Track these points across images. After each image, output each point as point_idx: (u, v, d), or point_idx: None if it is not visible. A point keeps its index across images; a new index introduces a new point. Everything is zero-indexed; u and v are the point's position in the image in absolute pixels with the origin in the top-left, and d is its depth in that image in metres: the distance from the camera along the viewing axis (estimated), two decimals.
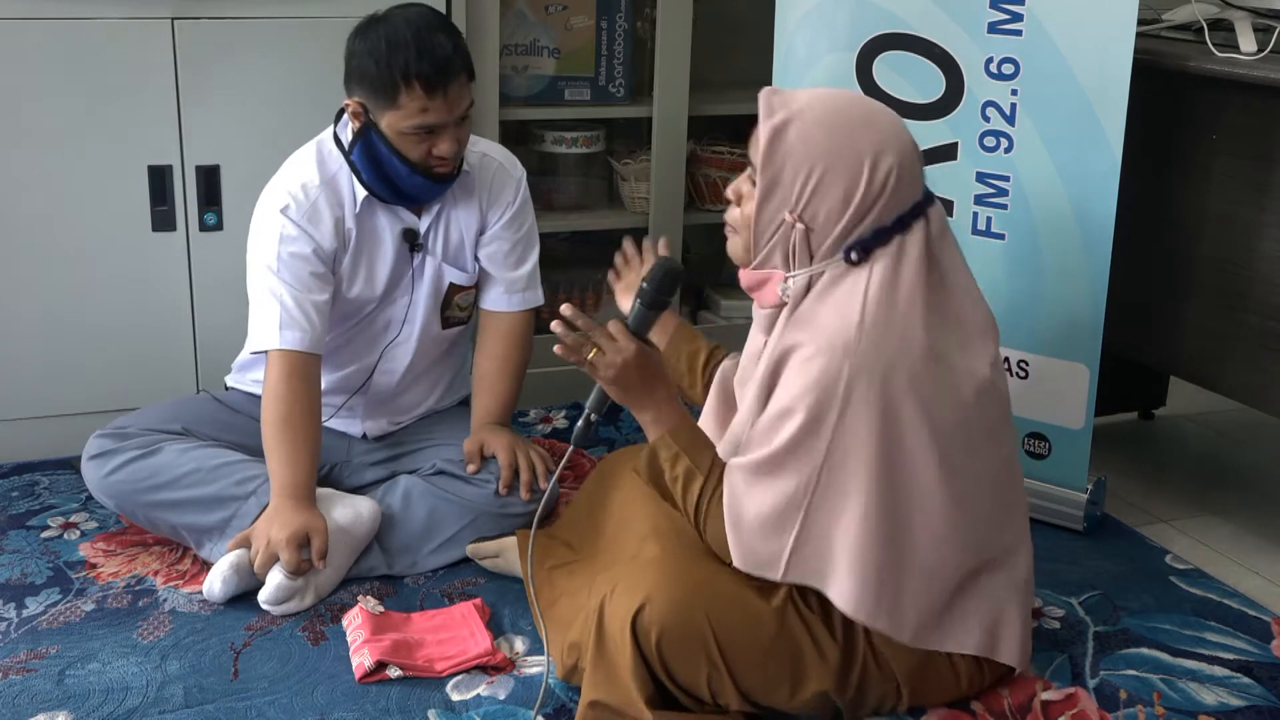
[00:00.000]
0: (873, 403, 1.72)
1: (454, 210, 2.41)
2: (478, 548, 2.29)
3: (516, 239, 2.46)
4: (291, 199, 2.29)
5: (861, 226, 1.76)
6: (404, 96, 2.19)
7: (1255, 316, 2.38)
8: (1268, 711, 2.00)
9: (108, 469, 2.30)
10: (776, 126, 1.75)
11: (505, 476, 2.33)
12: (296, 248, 2.28)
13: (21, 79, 2.52)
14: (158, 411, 2.41)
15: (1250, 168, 2.36)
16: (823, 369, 1.72)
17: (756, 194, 1.78)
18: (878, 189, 1.74)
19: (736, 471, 1.81)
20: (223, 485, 2.27)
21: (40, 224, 2.60)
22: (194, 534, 2.30)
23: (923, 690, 1.89)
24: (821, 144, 1.74)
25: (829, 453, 1.74)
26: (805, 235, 1.77)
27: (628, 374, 1.86)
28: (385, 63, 2.18)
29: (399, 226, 2.37)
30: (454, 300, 2.46)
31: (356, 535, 2.25)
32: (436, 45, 2.18)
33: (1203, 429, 3.18)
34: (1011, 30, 2.36)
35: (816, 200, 1.75)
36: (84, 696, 1.94)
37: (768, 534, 1.78)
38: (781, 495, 1.76)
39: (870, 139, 1.75)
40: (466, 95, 2.24)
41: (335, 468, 2.46)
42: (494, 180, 2.43)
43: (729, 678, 1.81)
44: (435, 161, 2.26)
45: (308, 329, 2.26)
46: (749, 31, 3.15)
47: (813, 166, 1.74)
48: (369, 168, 2.28)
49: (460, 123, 2.26)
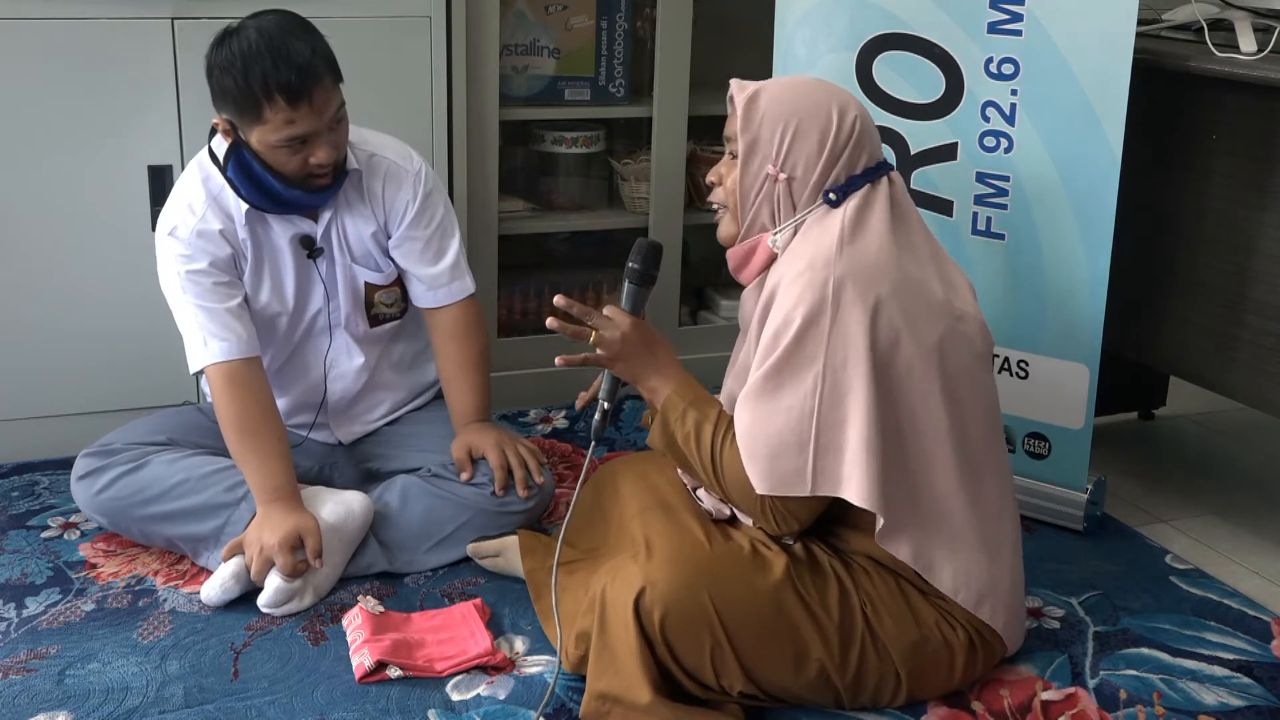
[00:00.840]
0: (859, 304, 1.80)
1: (348, 212, 2.34)
2: (478, 547, 2.29)
3: (428, 235, 2.38)
4: (178, 221, 2.27)
5: (835, 171, 1.90)
6: (268, 110, 2.11)
7: (1255, 316, 2.38)
8: (1268, 711, 2.00)
9: (97, 487, 2.30)
10: (750, 96, 1.92)
11: (500, 479, 2.33)
12: (193, 265, 2.25)
13: (21, 79, 2.52)
14: (141, 425, 2.41)
15: (1250, 168, 2.36)
16: (809, 281, 1.82)
17: (739, 158, 1.92)
18: (847, 133, 1.90)
19: (742, 404, 1.85)
20: (213, 493, 2.26)
21: (40, 224, 2.60)
22: (189, 544, 2.29)
23: (919, 674, 1.91)
24: (790, 102, 1.91)
25: (828, 356, 1.80)
26: (788, 185, 1.90)
27: (629, 347, 1.94)
28: (243, 77, 2.10)
29: (292, 233, 2.31)
30: (375, 299, 2.41)
31: (349, 531, 2.25)
32: (294, 52, 2.10)
33: (1203, 429, 3.18)
34: (1011, 30, 2.36)
35: (795, 150, 1.89)
36: (84, 696, 1.94)
37: (786, 451, 1.81)
38: (790, 409, 1.81)
39: (832, 94, 1.94)
40: (334, 98, 2.17)
41: (325, 469, 2.46)
42: (387, 182, 2.34)
43: (733, 655, 1.83)
44: (314, 169, 2.20)
45: (232, 337, 2.24)
46: (749, 31, 3.14)
47: (787, 121, 1.90)
48: (245, 184, 2.23)
49: (335, 127, 2.19)
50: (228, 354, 2.24)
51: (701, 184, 3.21)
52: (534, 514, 2.39)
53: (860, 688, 1.90)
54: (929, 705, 1.97)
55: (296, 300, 2.36)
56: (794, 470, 1.81)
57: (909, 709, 1.95)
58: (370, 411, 2.51)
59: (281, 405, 2.36)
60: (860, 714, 1.94)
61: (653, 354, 1.96)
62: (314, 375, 2.43)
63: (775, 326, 1.83)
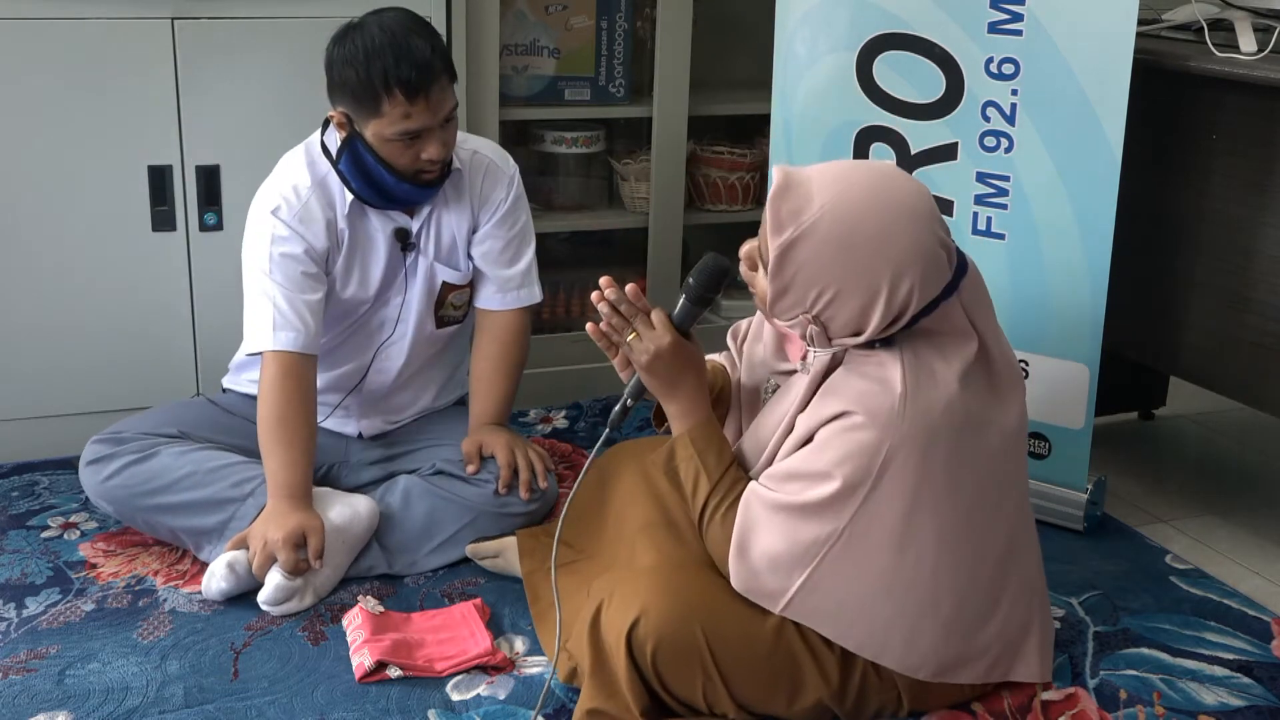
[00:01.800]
0: (907, 478, 1.73)
1: (445, 210, 2.40)
2: (477, 548, 2.29)
3: (510, 236, 2.45)
4: (283, 200, 2.29)
5: (885, 333, 1.75)
6: (386, 104, 2.17)
7: (1255, 316, 2.38)
8: (1268, 711, 2.00)
9: (105, 474, 2.30)
10: (785, 245, 1.71)
11: (504, 476, 2.33)
12: (288, 248, 2.27)
13: (21, 79, 2.52)
14: (154, 416, 2.41)
15: (1250, 168, 2.36)
16: (863, 442, 1.72)
17: (769, 290, 1.76)
18: (898, 308, 1.72)
19: (755, 501, 1.81)
20: (220, 487, 2.27)
21: (40, 224, 2.60)
22: (193, 537, 2.29)
23: (923, 695, 1.90)
24: (832, 266, 1.71)
25: (854, 519, 1.76)
26: (823, 330, 1.77)
27: (659, 364, 1.87)
28: (364, 71, 2.16)
29: (391, 227, 2.36)
30: (448, 299, 2.46)
31: (354, 534, 2.25)
32: (414, 49, 2.16)
33: (1203, 429, 3.18)
34: (1011, 30, 2.36)
35: (830, 312, 1.75)
36: (84, 696, 1.94)
37: (775, 572, 1.79)
38: (797, 543, 1.78)
39: (886, 259, 1.70)
40: (449, 97, 2.24)
41: (333, 468, 2.46)
42: (485, 178, 2.42)
43: (724, 690, 1.82)
44: (424, 165, 2.25)
45: (301, 329, 2.26)
46: (749, 31, 3.15)
47: (824, 286, 1.72)
48: (357, 177, 2.27)
49: (445, 125, 2.24)
50: (292, 345, 2.25)
51: (701, 184, 3.22)
52: (535, 517, 2.39)
53: (861, 710, 1.89)
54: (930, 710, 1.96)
55: (379, 291, 2.39)
56: (773, 591, 1.80)
57: None
58: (400, 410, 2.53)
59: (319, 379, 2.37)
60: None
61: (681, 380, 1.88)
62: (361, 361, 2.45)
63: (818, 469, 1.75)
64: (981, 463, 1.80)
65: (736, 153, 3.20)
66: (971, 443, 1.78)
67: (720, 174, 3.20)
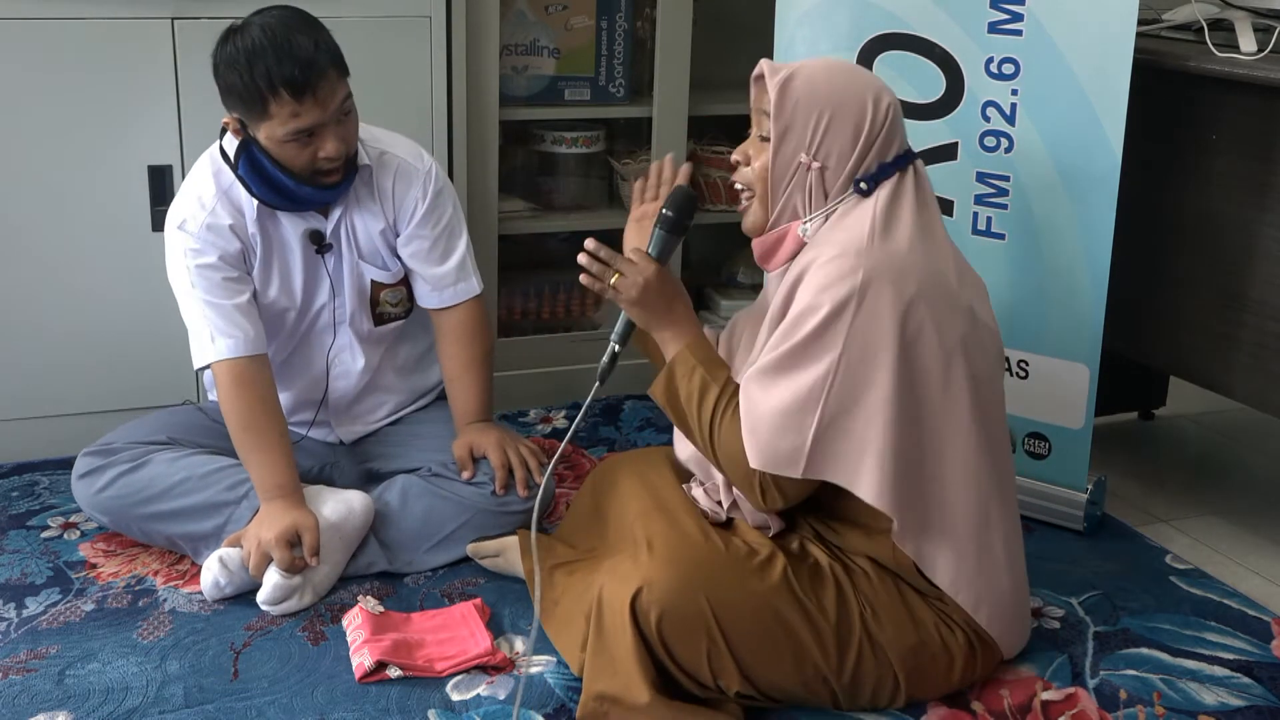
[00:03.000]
0: (887, 299, 1.79)
1: (358, 209, 2.35)
2: (478, 547, 2.29)
3: (436, 235, 2.39)
4: (188, 214, 2.28)
5: (868, 159, 1.88)
6: (273, 105, 2.13)
7: (1255, 316, 2.38)
8: (1268, 711, 2.00)
9: (98, 486, 2.30)
10: (784, 79, 1.87)
11: (500, 478, 2.33)
12: (203, 259, 2.26)
13: (21, 79, 2.52)
14: (143, 425, 2.41)
15: (1250, 168, 2.36)
16: (839, 270, 1.80)
17: (771, 144, 1.88)
18: (881, 120, 1.88)
19: (752, 378, 1.85)
20: (214, 491, 2.26)
21: (40, 224, 2.60)
22: (190, 543, 2.29)
23: (918, 676, 1.91)
24: (825, 89, 1.88)
25: (846, 344, 1.78)
26: (820, 174, 1.88)
27: (648, 294, 1.94)
28: (248, 74, 2.12)
29: (303, 228, 2.32)
30: (381, 298, 2.43)
31: (349, 530, 2.25)
32: (296, 47, 2.12)
33: (1203, 429, 3.18)
34: (1011, 30, 2.36)
35: (829, 139, 1.87)
36: (84, 696, 1.94)
37: (786, 428, 1.80)
38: (800, 388, 1.79)
39: (866, 81, 1.93)
40: (339, 91, 2.18)
41: (325, 469, 2.46)
42: (397, 178, 2.35)
43: (730, 657, 1.83)
44: (322, 164, 2.21)
45: (238, 333, 2.25)
46: (749, 31, 3.14)
47: (822, 110, 1.87)
48: (256, 181, 2.23)
49: (342, 120, 2.20)
50: (234, 351, 2.24)
51: (701, 184, 3.22)
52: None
53: (858, 689, 1.90)
54: (929, 705, 1.97)
55: (304, 295, 2.36)
56: (790, 450, 1.80)
57: (909, 709, 1.95)
58: (372, 412, 2.51)
59: (283, 400, 2.36)
60: (859, 714, 1.94)
61: (671, 305, 1.96)
62: (316, 371, 2.43)
63: (799, 309, 1.81)
64: (955, 327, 1.84)
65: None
66: (944, 293, 1.84)
67: (720, 174, 3.20)
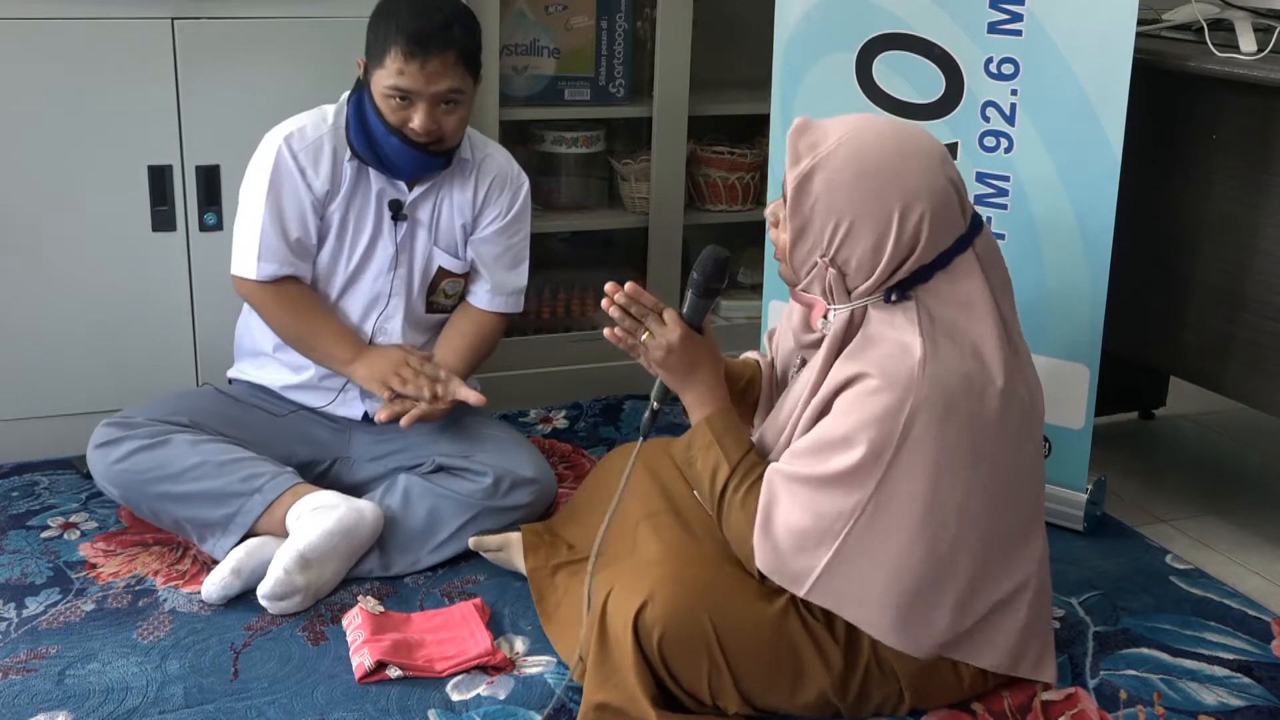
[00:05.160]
0: (930, 442, 1.73)
1: (447, 193, 2.44)
2: (481, 540, 2.29)
3: (510, 244, 2.50)
4: (297, 130, 2.37)
5: (899, 273, 1.76)
6: (388, 56, 2.24)
7: (1255, 316, 2.38)
8: (1268, 711, 2.00)
9: (114, 457, 2.30)
10: (802, 175, 1.75)
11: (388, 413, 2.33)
12: (289, 177, 2.34)
13: (21, 79, 2.52)
14: (165, 403, 2.41)
15: (1250, 168, 2.36)
16: (886, 405, 1.72)
17: (789, 234, 1.80)
18: (908, 240, 1.74)
19: (778, 477, 1.81)
20: (229, 480, 2.27)
21: (40, 224, 2.60)
22: (197, 528, 2.29)
23: (925, 693, 1.90)
24: (847, 195, 1.74)
25: (879, 488, 1.74)
26: (840, 278, 1.79)
27: (672, 358, 1.90)
28: (383, 21, 2.26)
29: (387, 194, 2.40)
30: (440, 286, 2.48)
31: (358, 539, 2.25)
32: (432, 16, 2.23)
33: (1203, 429, 3.18)
34: (1011, 30, 2.36)
35: (847, 249, 1.76)
36: (84, 696, 1.94)
37: (800, 549, 1.78)
38: (822, 516, 1.76)
39: (899, 189, 1.73)
40: (450, 75, 2.26)
41: (334, 464, 2.46)
42: (494, 181, 2.47)
43: (730, 679, 1.82)
44: (410, 133, 2.29)
45: (286, 261, 2.36)
46: (749, 31, 3.14)
47: (840, 218, 1.75)
48: (355, 120, 2.34)
49: (444, 105, 2.28)
50: (274, 275, 2.36)
51: (701, 184, 3.22)
52: (535, 510, 2.40)
53: (863, 705, 1.89)
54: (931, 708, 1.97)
55: (363, 256, 2.42)
56: (798, 571, 1.79)
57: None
58: None
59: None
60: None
61: (695, 372, 1.90)
62: (361, 335, 2.46)
63: (840, 434, 1.74)
64: (1007, 429, 1.79)
65: (736, 153, 3.20)
66: (996, 408, 1.77)
67: (720, 174, 3.19)
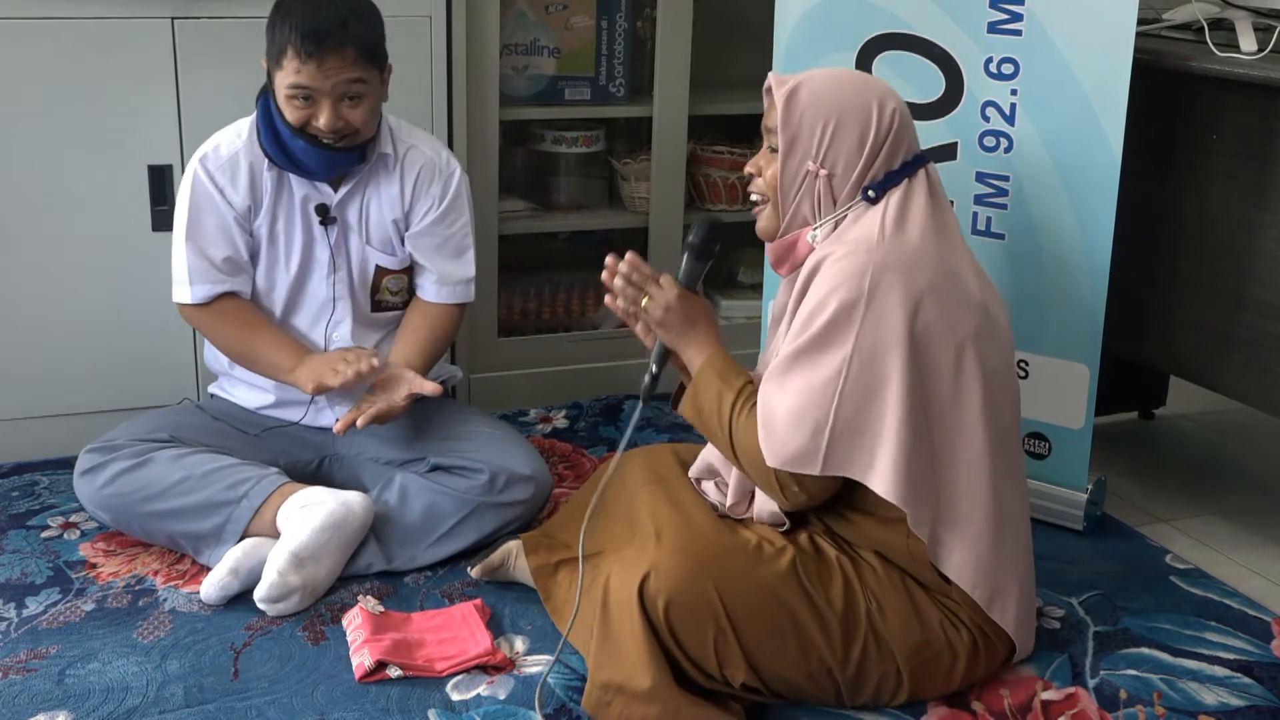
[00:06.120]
0: (897, 294, 1.81)
1: (374, 190, 2.41)
2: (484, 565, 2.26)
3: (449, 234, 2.46)
4: (211, 149, 2.37)
5: (875, 167, 1.91)
6: (284, 57, 2.22)
7: (1255, 316, 2.38)
8: (1268, 711, 2.00)
9: (99, 483, 2.30)
10: (790, 90, 1.93)
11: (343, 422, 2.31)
12: (207, 198, 2.34)
13: (21, 79, 2.52)
14: (144, 422, 2.42)
15: (1250, 168, 2.36)
16: (849, 267, 1.83)
17: (780, 153, 1.93)
18: (886, 128, 1.91)
19: (767, 378, 1.88)
20: (214, 491, 2.26)
21: (40, 224, 2.60)
22: (190, 541, 2.29)
23: (921, 673, 1.91)
24: (830, 98, 1.92)
25: (857, 341, 1.81)
26: (828, 181, 1.92)
27: (671, 315, 1.98)
28: (279, 21, 2.23)
29: (311, 199, 2.38)
30: (383, 284, 2.47)
31: (350, 530, 2.24)
32: (326, 14, 2.20)
33: (1203, 429, 3.18)
34: (1011, 30, 2.36)
35: (835, 146, 1.91)
36: (84, 696, 1.94)
37: (802, 427, 1.82)
38: (813, 386, 1.82)
39: (872, 88, 1.96)
40: (348, 70, 2.23)
41: (324, 462, 2.46)
42: (421, 172, 2.42)
43: (737, 645, 1.84)
44: (314, 130, 2.26)
45: (217, 280, 2.36)
46: (749, 31, 3.14)
47: (827, 118, 1.91)
48: (265, 126, 2.32)
49: (348, 100, 2.25)
50: (208, 297, 2.37)
51: (701, 184, 3.22)
52: (532, 506, 2.39)
53: (861, 684, 1.91)
54: (929, 705, 1.97)
55: (300, 264, 2.41)
56: (807, 448, 1.82)
57: (909, 708, 1.95)
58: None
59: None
60: (860, 713, 1.94)
61: (693, 327, 1.98)
62: (313, 344, 2.45)
63: (810, 307, 1.84)
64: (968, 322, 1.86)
65: (736, 152, 3.20)
66: (955, 292, 1.87)
67: (720, 174, 3.19)
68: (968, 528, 1.89)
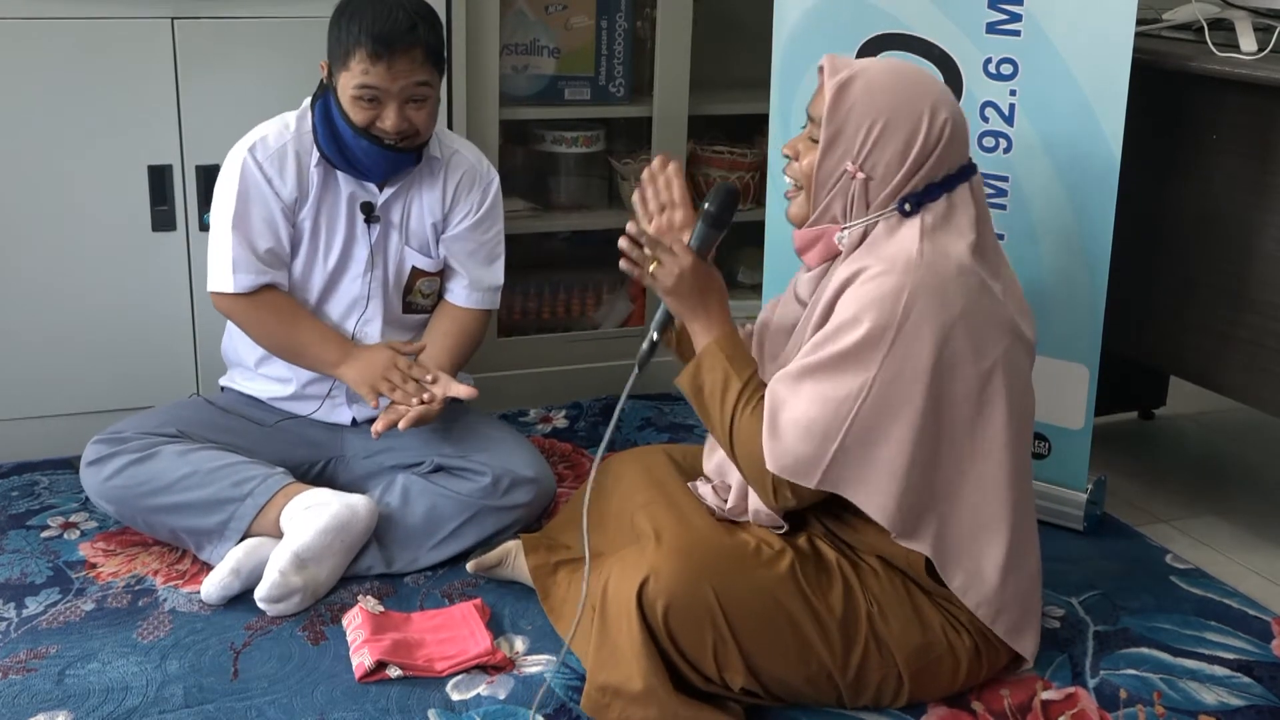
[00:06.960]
0: (930, 325, 1.78)
1: (417, 192, 2.43)
2: (480, 561, 2.27)
3: (483, 240, 2.49)
4: (260, 140, 2.36)
5: (916, 178, 1.85)
6: (352, 58, 2.23)
7: (1255, 316, 2.38)
8: (1268, 711, 2.00)
9: (105, 474, 2.31)
10: (842, 82, 1.85)
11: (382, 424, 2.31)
12: (255, 188, 2.34)
13: (21, 79, 2.52)
14: (154, 416, 2.42)
15: (1250, 168, 2.36)
16: (886, 286, 1.79)
17: (820, 146, 1.86)
18: (935, 140, 1.84)
19: (781, 380, 1.85)
20: (219, 487, 2.27)
21: (40, 224, 2.60)
22: (193, 537, 2.30)
23: (922, 677, 1.91)
24: (883, 97, 1.84)
25: (882, 366, 1.78)
26: (864, 185, 1.86)
27: (683, 284, 1.93)
28: (345, 23, 2.24)
29: (357, 196, 2.40)
30: (416, 286, 2.48)
31: (353, 533, 2.25)
32: (395, 16, 2.22)
33: (1203, 429, 3.18)
34: (1010, 31, 2.36)
35: (878, 150, 1.84)
36: (84, 696, 1.94)
37: (809, 439, 1.80)
38: (828, 402, 1.80)
39: (929, 91, 1.87)
40: (417, 73, 2.25)
41: (329, 464, 2.46)
42: (463, 178, 2.45)
43: (735, 649, 1.83)
44: (379, 133, 2.28)
45: (261, 271, 2.34)
46: (749, 31, 3.14)
47: (875, 119, 1.84)
48: (323, 125, 2.33)
49: (413, 103, 2.27)
50: (250, 287, 2.35)
51: (702, 184, 3.22)
52: (535, 509, 2.40)
53: (862, 687, 1.90)
54: (929, 705, 1.97)
55: (340, 259, 2.41)
56: (809, 460, 1.81)
57: (909, 709, 1.95)
58: None
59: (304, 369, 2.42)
60: (861, 714, 1.95)
61: (704, 298, 1.94)
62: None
63: (841, 320, 1.81)
64: (996, 346, 1.84)
65: (736, 152, 3.20)
66: (988, 318, 1.83)
67: (720, 174, 3.19)
68: (971, 553, 1.88)
